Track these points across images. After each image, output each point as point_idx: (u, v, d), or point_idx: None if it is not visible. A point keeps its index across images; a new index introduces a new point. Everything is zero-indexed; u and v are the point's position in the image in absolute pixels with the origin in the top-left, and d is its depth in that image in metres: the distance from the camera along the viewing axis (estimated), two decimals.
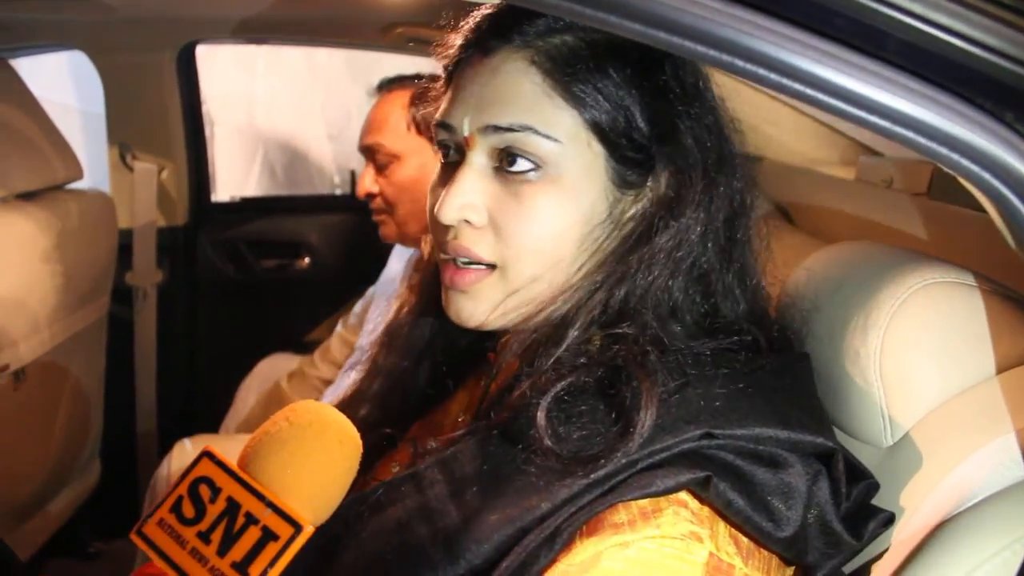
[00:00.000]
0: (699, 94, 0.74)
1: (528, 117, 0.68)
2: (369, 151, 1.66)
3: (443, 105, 0.76)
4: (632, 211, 0.72)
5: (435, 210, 0.72)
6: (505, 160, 0.70)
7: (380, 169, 1.65)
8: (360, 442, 0.66)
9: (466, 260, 0.72)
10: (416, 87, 1.64)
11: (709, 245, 0.71)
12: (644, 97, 0.71)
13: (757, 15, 0.46)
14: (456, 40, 0.76)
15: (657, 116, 0.71)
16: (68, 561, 2.07)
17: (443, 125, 0.74)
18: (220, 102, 3.01)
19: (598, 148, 0.70)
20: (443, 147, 0.76)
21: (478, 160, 0.71)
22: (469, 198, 0.71)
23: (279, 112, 3.27)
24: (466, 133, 0.71)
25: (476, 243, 0.71)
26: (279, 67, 3.23)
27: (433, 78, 1.72)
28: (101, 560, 2.12)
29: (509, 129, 0.69)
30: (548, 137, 0.68)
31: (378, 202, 1.69)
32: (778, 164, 1.65)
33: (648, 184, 0.72)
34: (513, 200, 0.70)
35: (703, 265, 0.71)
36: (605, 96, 0.69)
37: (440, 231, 0.74)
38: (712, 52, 0.47)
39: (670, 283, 0.69)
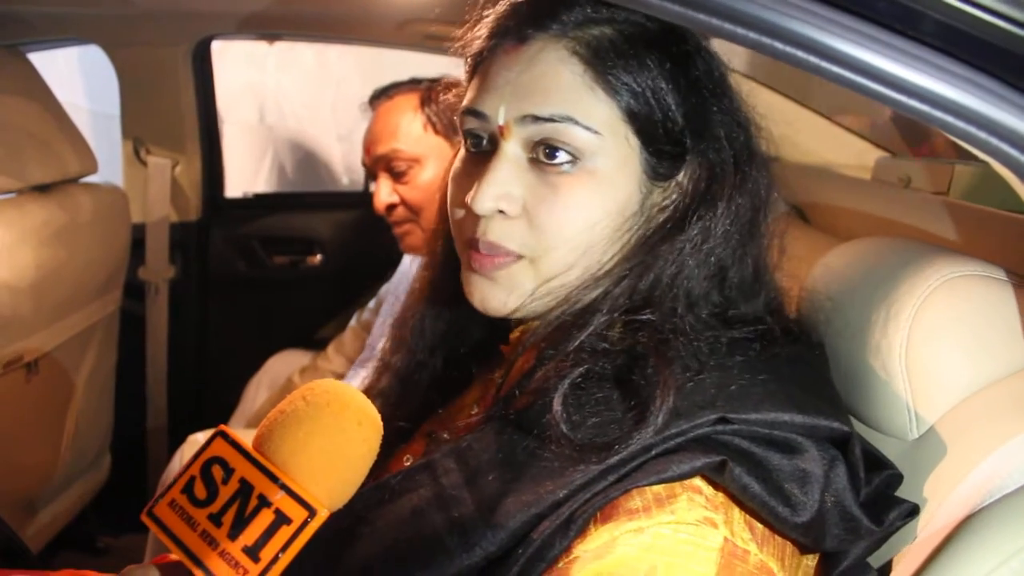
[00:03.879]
0: (728, 89, 0.74)
1: (569, 107, 0.68)
2: (383, 161, 1.62)
3: (471, 93, 0.74)
4: (662, 202, 0.73)
5: (468, 199, 0.71)
6: (542, 151, 0.69)
7: (398, 177, 1.61)
8: (380, 423, 0.64)
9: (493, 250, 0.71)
10: (423, 89, 1.63)
11: (733, 239, 0.71)
12: (680, 91, 0.71)
13: None
14: (483, 27, 0.75)
15: (692, 110, 0.71)
16: (77, 555, 2.07)
17: (474, 113, 0.73)
18: (230, 99, 3.01)
19: (634, 141, 0.70)
20: (472, 136, 0.74)
21: (513, 150, 0.71)
22: (506, 188, 0.70)
23: (289, 111, 3.27)
24: (501, 122, 0.70)
25: (506, 237, 0.71)
26: (290, 66, 3.23)
27: (434, 80, 1.72)
28: (110, 555, 2.12)
29: (550, 120, 0.68)
30: (588, 129, 0.68)
31: (400, 212, 1.64)
32: (793, 164, 1.65)
33: (678, 176, 0.72)
34: (549, 191, 0.69)
35: (724, 258, 0.71)
36: (644, 89, 0.69)
37: (467, 223, 0.73)
38: (752, 34, 0.47)
39: (695, 273, 0.69)
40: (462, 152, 0.77)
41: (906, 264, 0.75)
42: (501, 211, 0.70)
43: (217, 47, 2.28)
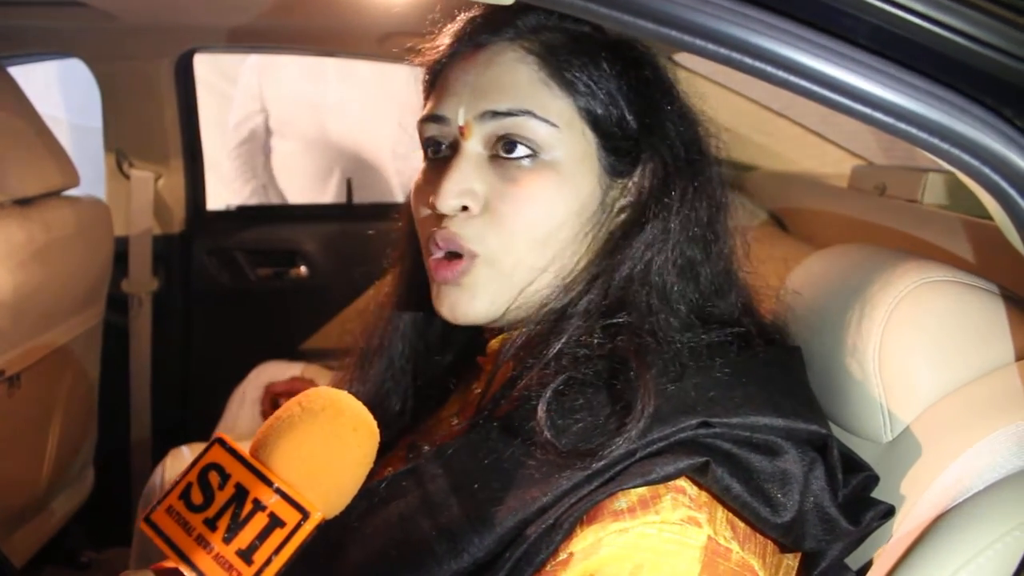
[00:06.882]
0: (675, 93, 0.77)
1: (527, 102, 0.71)
2: None
3: (430, 102, 0.77)
4: (622, 202, 0.75)
5: (431, 200, 0.72)
6: (502, 146, 0.71)
7: None
8: (376, 430, 0.63)
9: (453, 251, 0.73)
10: None
11: (696, 235, 0.73)
12: (632, 91, 0.74)
13: (767, 14, 0.48)
14: (442, 40, 0.78)
15: (644, 109, 0.74)
16: (61, 569, 2.05)
17: (433, 119, 0.75)
18: (285, 113, 2.92)
19: (591, 136, 0.73)
20: (432, 143, 0.76)
21: (474, 148, 0.73)
22: (467, 184, 0.72)
23: (348, 125, 3.12)
24: (461, 122, 0.72)
25: (465, 230, 0.72)
26: (351, 79, 3.08)
27: None
28: (93, 569, 2.10)
29: (508, 114, 0.70)
30: (546, 122, 0.70)
31: None
32: (771, 173, 1.67)
33: (635, 174, 0.75)
34: (510, 185, 0.71)
35: (689, 255, 0.72)
36: (599, 86, 0.72)
37: (428, 225, 0.75)
38: (722, 50, 0.48)
39: (662, 271, 0.71)
40: (422, 165, 0.79)
41: (879, 270, 0.77)
42: (465, 208, 0.72)
43: (271, 60, 2.24)
